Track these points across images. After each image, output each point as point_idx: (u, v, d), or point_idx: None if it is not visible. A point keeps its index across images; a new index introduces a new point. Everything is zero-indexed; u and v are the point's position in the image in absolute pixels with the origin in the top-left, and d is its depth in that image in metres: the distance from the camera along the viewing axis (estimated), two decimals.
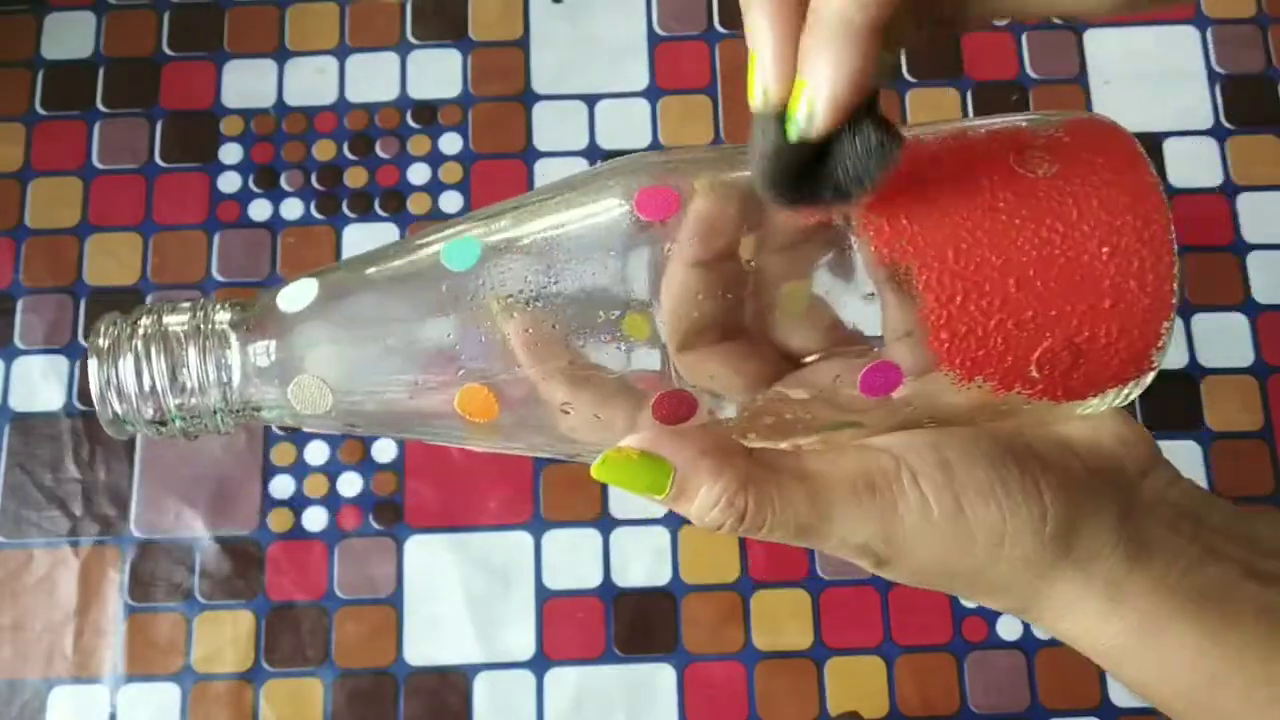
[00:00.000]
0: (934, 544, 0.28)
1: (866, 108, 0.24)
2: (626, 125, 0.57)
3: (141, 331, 0.28)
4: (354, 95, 0.58)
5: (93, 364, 0.27)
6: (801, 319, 0.27)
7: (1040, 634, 0.51)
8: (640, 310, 0.27)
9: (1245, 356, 0.54)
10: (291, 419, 0.28)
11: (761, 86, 0.25)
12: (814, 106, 0.24)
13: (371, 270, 0.28)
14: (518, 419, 0.28)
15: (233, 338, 0.28)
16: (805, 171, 0.25)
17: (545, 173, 0.57)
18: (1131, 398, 0.29)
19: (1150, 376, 0.28)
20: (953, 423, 0.29)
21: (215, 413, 0.28)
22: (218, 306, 0.28)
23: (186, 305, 0.28)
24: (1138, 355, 0.27)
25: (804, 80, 0.24)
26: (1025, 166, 0.27)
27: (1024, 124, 0.28)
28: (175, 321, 0.28)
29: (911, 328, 0.26)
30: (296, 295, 0.28)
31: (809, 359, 0.28)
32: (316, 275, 0.28)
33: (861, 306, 0.27)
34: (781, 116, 0.24)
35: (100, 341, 0.28)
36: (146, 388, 0.27)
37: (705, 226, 0.27)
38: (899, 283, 0.26)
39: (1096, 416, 0.30)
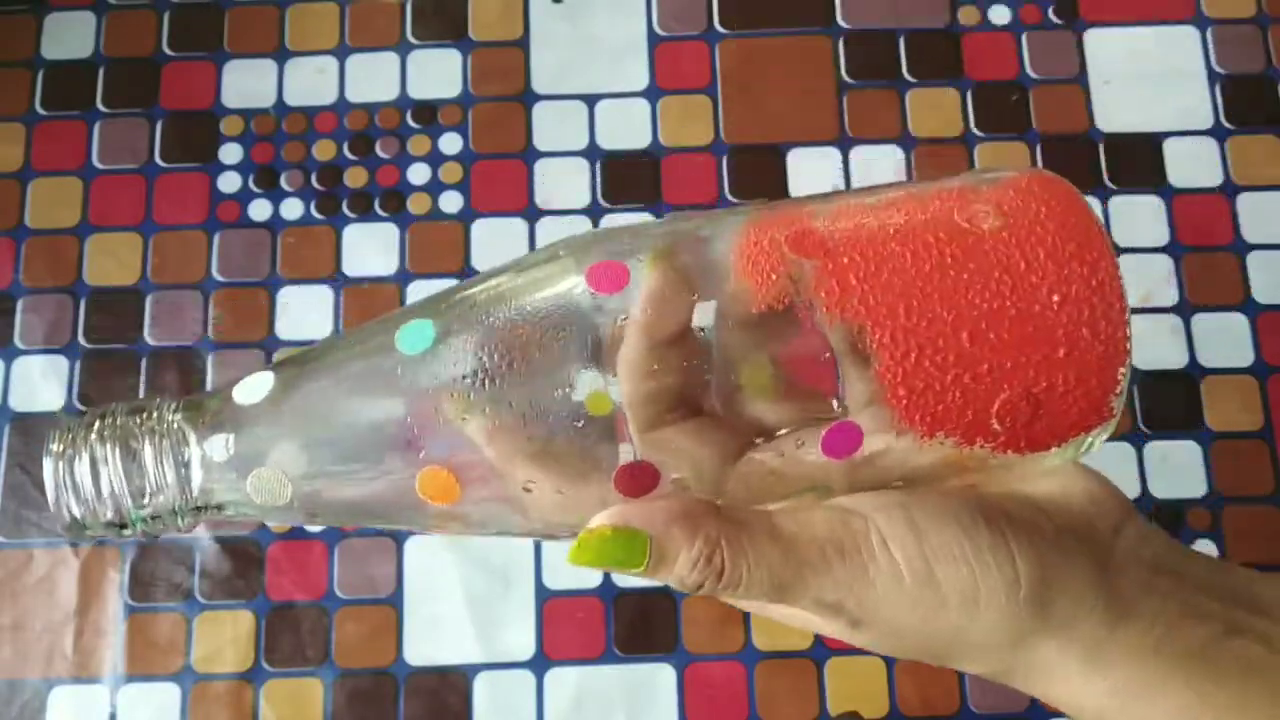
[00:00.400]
0: (907, 608, 0.28)
1: None
2: (626, 125, 0.57)
3: (96, 433, 0.27)
4: (354, 95, 0.58)
5: (48, 468, 0.27)
6: (763, 393, 0.27)
7: None
8: (599, 387, 0.27)
9: (1245, 356, 0.54)
10: (253, 512, 0.28)
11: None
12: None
13: (327, 359, 0.28)
14: (481, 500, 0.28)
15: (190, 435, 0.27)
16: None
17: (545, 173, 0.57)
18: (1095, 447, 0.29)
19: (1112, 424, 0.28)
20: (921, 482, 0.29)
21: (175, 512, 0.28)
22: (173, 405, 0.28)
23: (141, 404, 0.28)
24: (1097, 403, 0.27)
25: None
26: (971, 222, 0.27)
27: (968, 182, 0.28)
28: (130, 422, 0.27)
29: (869, 388, 0.26)
30: (252, 389, 0.28)
31: (779, 432, 0.28)
32: (273, 368, 0.28)
33: (821, 372, 0.27)
34: None
35: (55, 446, 0.27)
36: (104, 491, 0.27)
37: (659, 306, 0.27)
38: (854, 344, 0.26)
39: (1066, 475, 0.30)
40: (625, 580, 0.51)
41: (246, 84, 0.58)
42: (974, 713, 0.50)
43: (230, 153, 0.57)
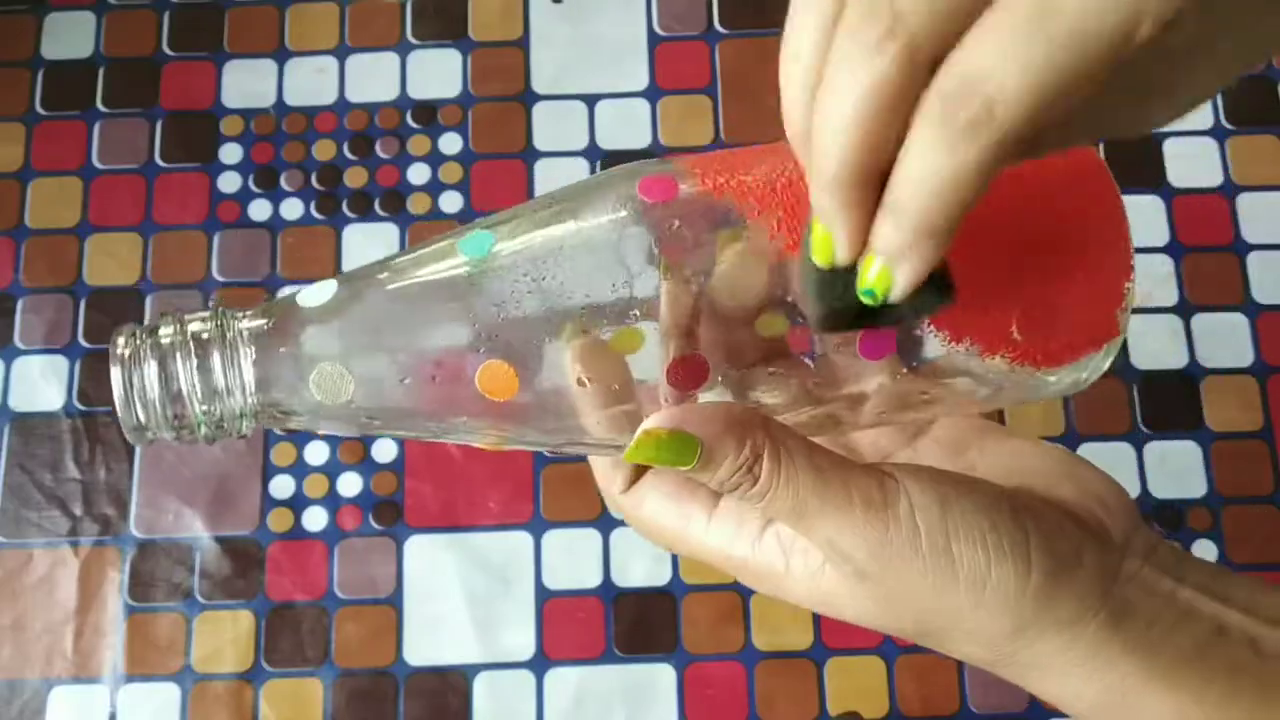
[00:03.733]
0: (916, 574, 0.29)
1: None
2: (626, 125, 0.57)
3: (163, 339, 0.28)
4: (354, 95, 0.58)
5: (115, 373, 0.28)
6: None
7: None
8: (649, 290, 0.28)
9: (1245, 356, 0.54)
10: (312, 416, 0.29)
11: (826, 253, 0.25)
12: (889, 284, 0.24)
13: (390, 265, 0.29)
14: (537, 399, 0.29)
15: (255, 340, 0.28)
16: (864, 313, 0.26)
17: (545, 173, 0.57)
18: (1102, 370, 0.31)
19: (1117, 345, 0.30)
20: (942, 405, 0.31)
21: (240, 416, 0.28)
22: (237, 312, 0.29)
23: (205, 313, 0.29)
24: (1106, 316, 0.29)
25: (876, 255, 0.24)
26: None
27: None
28: (196, 329, 0.28)
29: None
30: (316, 293, 0.29)
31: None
32: (336, 278, 0.29)
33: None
34: (840, 270, 0.25)
35: (122, 351, 0.28)
36: (171, 394, 0.28)
37: (734, 288, 0.28)
38: None
39: (1083, 481, 0.31)
40: (625, 580, 0.51)
41: (246, 84, 0.58)
42: (974, 713, 0.50)
43: (230, 153, 0.57)
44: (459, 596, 0.51)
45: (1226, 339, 0.54)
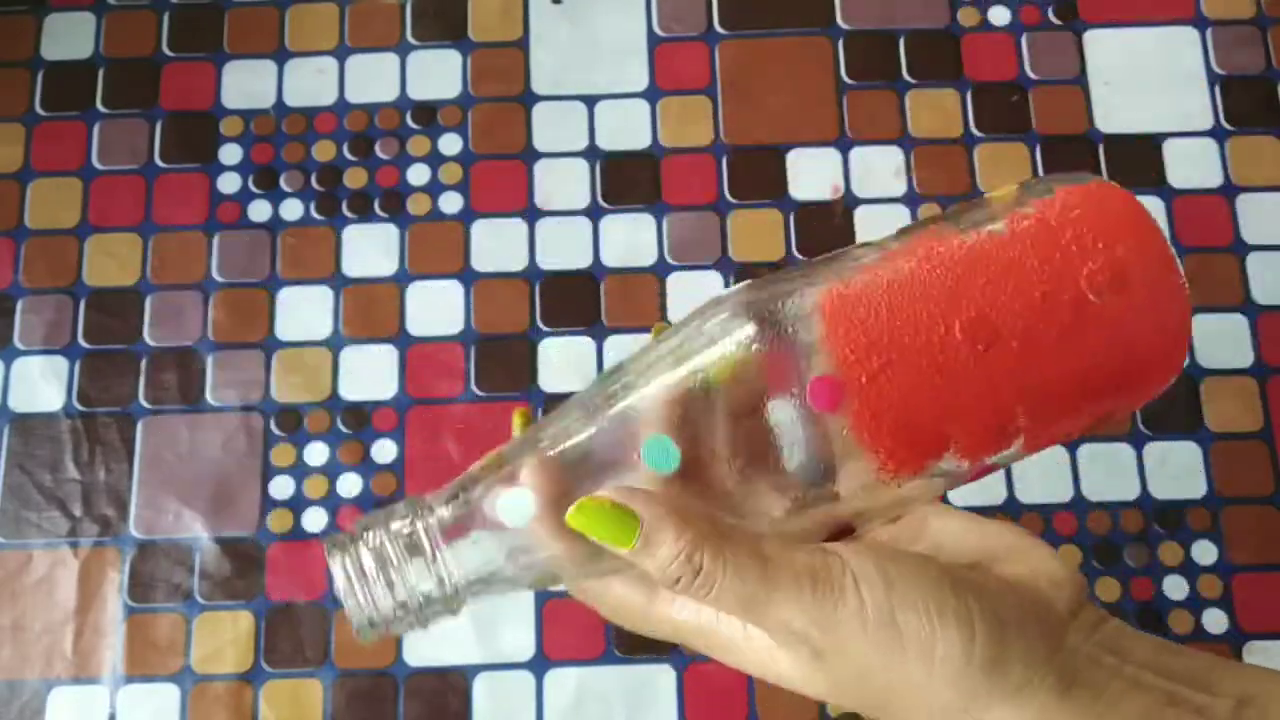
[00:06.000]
0: (868, 646, 0.30)
1: None
2: (626, 126, 0.57)
3: (385, 553, 0.31)
4: (354, 96, 0.58)
5: (340, 583, 0.31)
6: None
7: None
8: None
9: (1245, 357, 0.54)
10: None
11: None
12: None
13: (580, 476, 0.31)
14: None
15: (460, 561, 0.32)
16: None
17: (545, 174, 0.57)
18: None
19: None
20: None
21: (449, 604, 0.32)
22: (441, 514, 0.32)
23: (406, 519, 0.32)
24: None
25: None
26: (1093, 288, 0.33)
27: (1088, 214, 0.34)
28: (400, 538, 0.32)
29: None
30: (516, 507, 0.32)
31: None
32: (529, 477, 0.31)
33: None
34: None
35: (344, 569, 0.31)
36: (398, 600, 0.31)
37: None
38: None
39: (1034, 560, 0.32)
40: None
41: (246, 84, 0.58)
42: None
43: (230, 153, 0.57)
44: None
45: (1226, 340, 0.54)
